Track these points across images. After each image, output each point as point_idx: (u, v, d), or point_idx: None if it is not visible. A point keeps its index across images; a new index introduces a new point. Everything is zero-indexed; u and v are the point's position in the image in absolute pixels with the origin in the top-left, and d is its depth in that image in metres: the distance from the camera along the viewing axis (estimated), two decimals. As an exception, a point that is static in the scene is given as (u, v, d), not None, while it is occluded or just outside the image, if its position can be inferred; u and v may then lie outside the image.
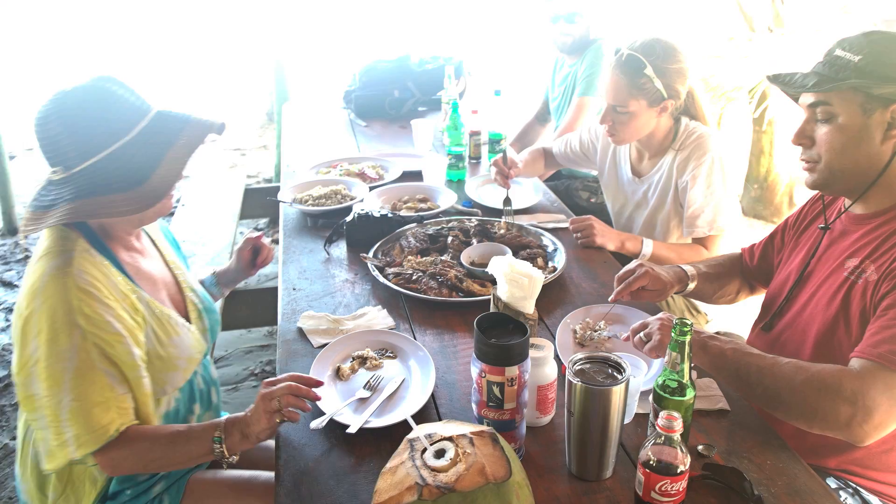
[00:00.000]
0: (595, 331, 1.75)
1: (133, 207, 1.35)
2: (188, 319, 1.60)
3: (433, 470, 1.05)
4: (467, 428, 1.12)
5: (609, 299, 1.74)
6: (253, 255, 1.97)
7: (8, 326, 3.72)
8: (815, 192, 1.68)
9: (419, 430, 1.13)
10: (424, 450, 1.09)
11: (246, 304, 3.36)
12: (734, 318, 2.63)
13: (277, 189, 4.25)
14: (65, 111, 1.35)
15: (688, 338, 1.21)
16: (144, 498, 1.52)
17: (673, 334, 1.21)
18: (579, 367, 1.26)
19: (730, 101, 4.81)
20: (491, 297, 1.48)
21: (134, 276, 1.47)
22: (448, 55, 3.90)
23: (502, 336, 1.28)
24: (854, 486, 1.50)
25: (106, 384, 1.33)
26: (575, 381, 1.23)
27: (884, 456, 1.46)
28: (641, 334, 1.44)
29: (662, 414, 1.09)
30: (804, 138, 1.48)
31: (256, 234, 1.96)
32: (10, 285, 4.16)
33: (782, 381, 1.29)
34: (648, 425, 1.31)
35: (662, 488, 1.09)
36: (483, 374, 1.26)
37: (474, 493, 1.01)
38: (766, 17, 4.55)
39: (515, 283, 1.39)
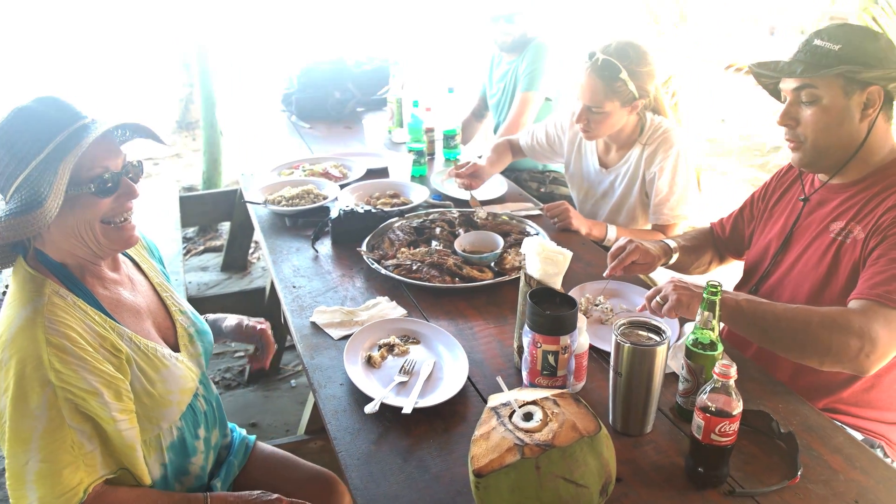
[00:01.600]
0: (596, 305, 1.88)
1: (11, 234, 1.23)
2: (177, 347, 1.50)
3: (527, 431, 1.13)
4: (546, 392, 1.21)
5: (604, 275, 1.86)
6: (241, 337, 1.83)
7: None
8: (782, 167, 1.89)
9: (501, 398, 1.21)
10: (511, 414, 1.17)
11: (200, 312, 3.28)
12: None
13: (217, 196, 4.22)
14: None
15: (718, 297, 1.35)
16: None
17: (705, 295, 1.35)
18: (623, 330, 1.38)
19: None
20: (521, 276, 1.56)
21: (113, 312, 1.38)
22: (383, 56, 3.96)
23: (551, 308, 1.38)
24: (839, 423, 1.69)
25: (76, 442, 1.24)
26: (624, 343, 1.34)
27: (865, 394, 1.67)
28: (658, 298, 1.57)
29: (720, 363, 1.21)
30: (790, 119, 1.66)
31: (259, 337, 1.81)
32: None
33: (798, 324, 1.45)
34: (681, 380, 1.44)
35: (721, 429, 1.22)
36: (538, 345, 1.35)
37: (572, 447, 1.10)
38: (672, 13, 4.89)
39: (550, 260, 1.49)
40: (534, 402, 1.18)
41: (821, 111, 1.59)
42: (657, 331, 1.38)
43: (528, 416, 1.16)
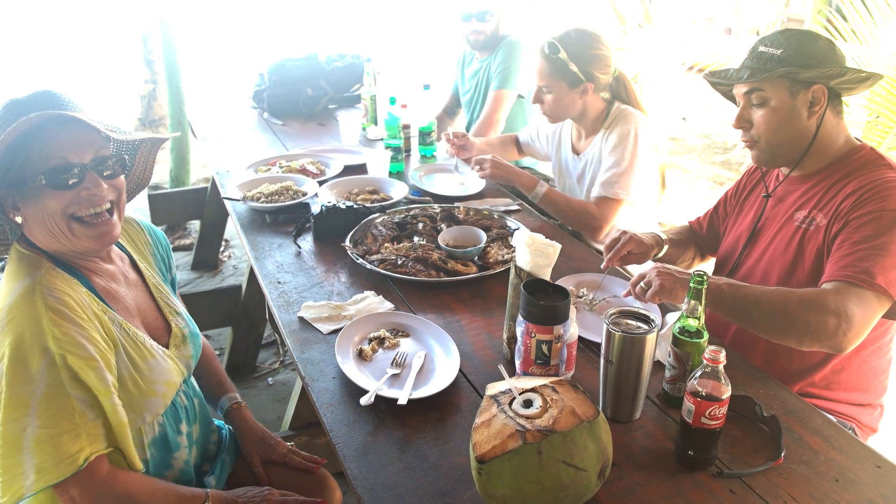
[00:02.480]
0: (579, 297, 1.92)
1: None
2: (167, 345, 1.49)
3: (527, 418, 1.16)
4: (544, 379, 1.24)
5: (601, 266, 1.91)
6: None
7: None
8: (751, 166, 1.96)
9: (500, 386, 1.24)
10: (511, 402, 1.20)
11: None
12: None
13: (187, 193, 4.16)
14: None
15: (705, 286, 1.40)
16: None
17: (692, 284, 1.39)
18: (613, 319, 1.42)
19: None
20: (511, 267, 1.60)
21: (107, 299, 1.38)
22: (355, 52, 3.96)
23: (543, 298, 1.41)
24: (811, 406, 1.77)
25: (77, 409, 1.22)
26: (614, 331, 1.38)
27: (836, 376, 1.75)
28: (642, 283, 1.62)
29: (708, 349, 1.26)
30: (744, 122, 1.76)
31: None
32: None
33: (777, 305, 1.52)
34: (668, 367, 1.49)
35: (711, 413, 1.26)
36: (532, 334, 1.39)
37: (572, 432, 1.13)
38: (637, 14, 4.98)
39: (540, 252, 1.53)
40: (533, 390, 1.21)
41: (770, 112, 1.69)
42: (646, 319, 1.42)
43: (527, 403, 1.19)
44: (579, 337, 1.70)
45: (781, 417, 1.46)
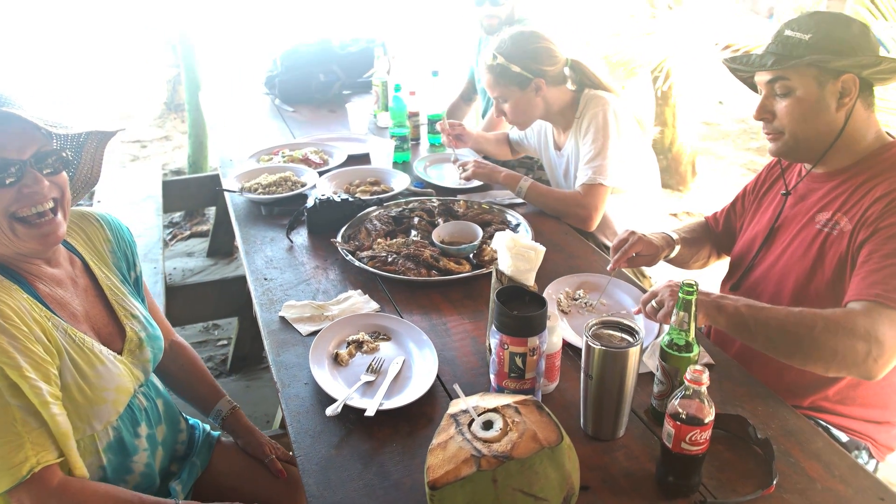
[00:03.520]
0: (575, 300, 1.82)
1: None
2: (121, 351, 1.42)
3: (485, 441, 1.08)
4: (509, 398, 1.15)
5: (608, 268, 1.81)
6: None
7: None
8: (772, 159, 1.82)
9: (461, 404, 1.15)
10: (471, 423, 1.12)
11: (180, 300, 3.23)
12: (702, 280, 2.79)
13: (203, 179, 4.15)
14: None
15: (694, 297, 1.28)
16: None
17: (680, 294, 1.28)
18: (594, 331, 1.32)
19: (631, 76, 5.04)
20: (492, 271, 1.50)
21: (51, 305, 1.32)
22: (370, 37, 3.87)
23: (519, 308, 1.32)
24: (824, 423, 1.64)
25: (18, 418, 1.18)
26: (594, 345, 1.28)
27: (852, 391, 1.61)
28: (653, 302, 1.50)
29: (691, 369, 1.15)
30: (766, 113, 1.61)
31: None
32: None
33: (802, 330, 1.38)
34: (655, 382, 1.38)
35: (692, 438, 1.16)
36: (505, 346, 1.30)
37: (531, 459, 1.04)
38: (667, -5, 4.79)
39: (521, 256, 1.43)
40: (494, 410, 1.12)
41: (795, 102, 1.55)
42: (630, 331, 1.32)
43: (487, 425, 1.11)
44: (570, 345, 1.61)
45: (779, 439, 1.35)
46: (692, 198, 5.34)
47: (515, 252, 1.44)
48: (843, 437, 1.63)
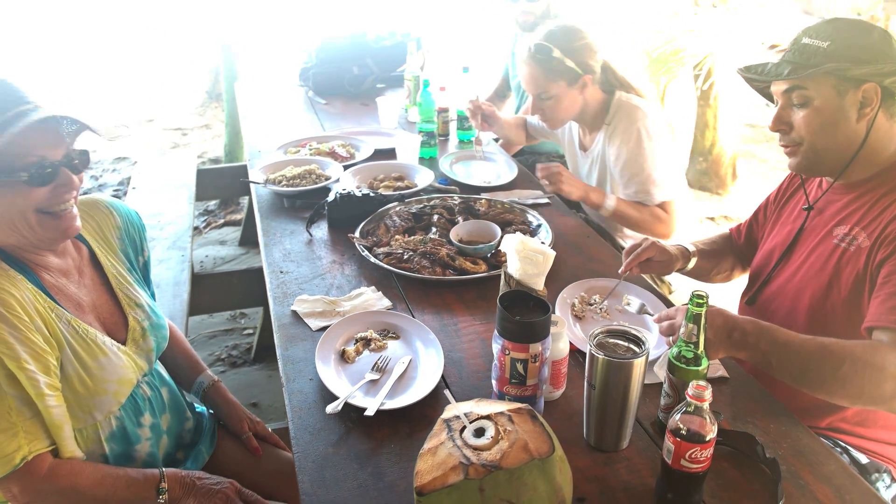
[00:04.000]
0: (590, 305, 1.78)
1: None
2: (125, 341, 1.46)
3: (476, 449, 1.06)
4: (503, 406, 1.13)
5: (619, 271, 1.78)
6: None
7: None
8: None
9: (455, 410, 1.13)
10: (463, 429, 1.10)
11: (208, 289, 3.28)
12: (721, 292, 2.72)
13: (236, 169, 4.19)
14: None
15: (704, 309, 1.24)
16: None
17: (690, 306, 1.24)
18: (599, 340, 1.29)
19: (670, 74, 4.93)
20: (501, 274, 1.48)
21: (55, 296, 1.35)
22: (405, 31, 3.85)
23: (523, 313, 1.29)
24: (843, 444, 1.58)
25: (13, 407, 1.21)
26: (598, 355, 1.25)
27: (871, 413, 1.55)
28: (672, 321, 1.44)
29: (693, 384, 1.12)
30: (783, 124, 1.55)
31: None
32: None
33: (827, 369, 1.31)
34: (662, 395, 1.35)
35: (692, 455, 1.12)
36: (507, 352, 1.27)
37: (520, 469, 1.02)
38: (711, -8, 4.67)
39: (529, 260, 1.40)
40: (487, 417, 1.10)
41: (813, 113, 1.48)
42: (637, 341, 1.28)
43: (479, 432, 1.09)
44: (581, 352, 1.58)
45: (790, 459, 1.30)
46: (731, 201, 5.21)
47: (524, 255, 1.41)
48: (863, 459, 1.57)
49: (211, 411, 1.75)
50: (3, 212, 1.26)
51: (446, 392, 1.21)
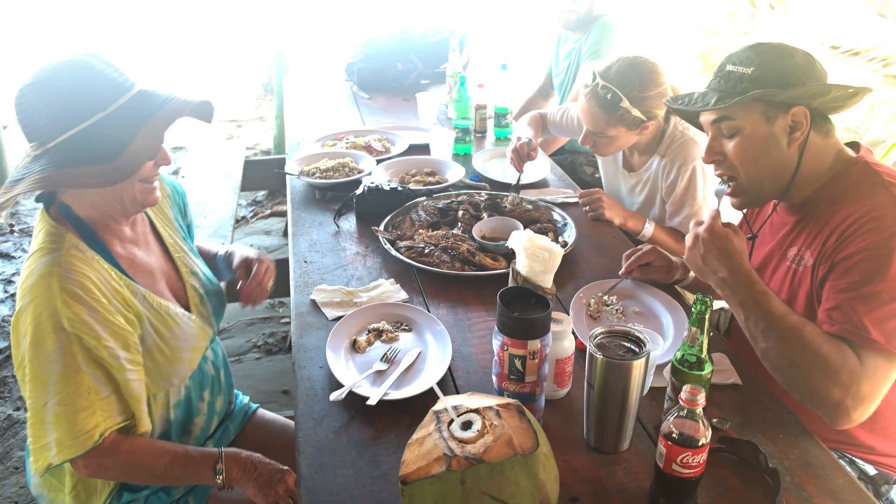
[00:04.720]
0: (607, 305, 1.77)
1: (102, 180, 1.30)
2: (188, 307, 1.56)
3: (461, 441, 1.06)
4: (493, 400, 1.13)
5: (619, 273, 1.78)
6: (246, 274, 1.81)
7: (6, 297, 3.71)
8: None
9: (445, 402, 1.14)
10: (451, 421, 1.11)
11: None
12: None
13: (280, 161, 4.26)
14: (42, 86, 1.29)
15: (708, 313, 1.22)
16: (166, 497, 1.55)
17: (693, 310, 1.23)
18: (600, 340, 1.28)
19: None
20: (509, 270, 1.48)
21: (128, 269, 1.43)
22: (451, 28, 3.87)
23: (524, 310, 1.29)
24: (851, 457, 1.55)
25: (91, 387, 1.30)
26: (597, 355, 1.24)
27: (881, 422, 1.51)
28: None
29: (686, 388, 1.10)
30: (716, 154, 1.52)
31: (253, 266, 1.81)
32: (7, 256, 4.13)
33: (791, 350, 1.33)
34: (666, 398, 1.33)
35: (684, 460, 1.11)
36: (505, 348, 1.28)
37: (502, 464, 1.02)
38: (769, -7, 4.54)
39: (536, 257, 1.40)
40: (476, 411, 1.11)
41: (744, 142, 1.45)
42: (638, 342, 1.27)
43: (467, 425, 1.09)
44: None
45: (795, 471, 1.27)
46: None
47: (531, 252, 1.41)
48: (871, 470, 1.53)
49: (246, 398, 1.86)
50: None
51: (434, 386, 1.22)
